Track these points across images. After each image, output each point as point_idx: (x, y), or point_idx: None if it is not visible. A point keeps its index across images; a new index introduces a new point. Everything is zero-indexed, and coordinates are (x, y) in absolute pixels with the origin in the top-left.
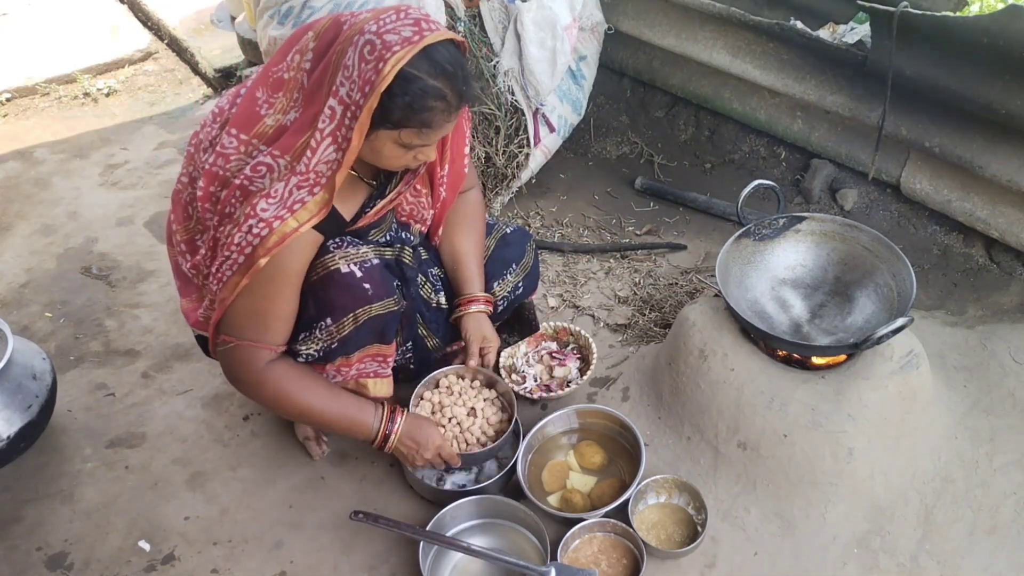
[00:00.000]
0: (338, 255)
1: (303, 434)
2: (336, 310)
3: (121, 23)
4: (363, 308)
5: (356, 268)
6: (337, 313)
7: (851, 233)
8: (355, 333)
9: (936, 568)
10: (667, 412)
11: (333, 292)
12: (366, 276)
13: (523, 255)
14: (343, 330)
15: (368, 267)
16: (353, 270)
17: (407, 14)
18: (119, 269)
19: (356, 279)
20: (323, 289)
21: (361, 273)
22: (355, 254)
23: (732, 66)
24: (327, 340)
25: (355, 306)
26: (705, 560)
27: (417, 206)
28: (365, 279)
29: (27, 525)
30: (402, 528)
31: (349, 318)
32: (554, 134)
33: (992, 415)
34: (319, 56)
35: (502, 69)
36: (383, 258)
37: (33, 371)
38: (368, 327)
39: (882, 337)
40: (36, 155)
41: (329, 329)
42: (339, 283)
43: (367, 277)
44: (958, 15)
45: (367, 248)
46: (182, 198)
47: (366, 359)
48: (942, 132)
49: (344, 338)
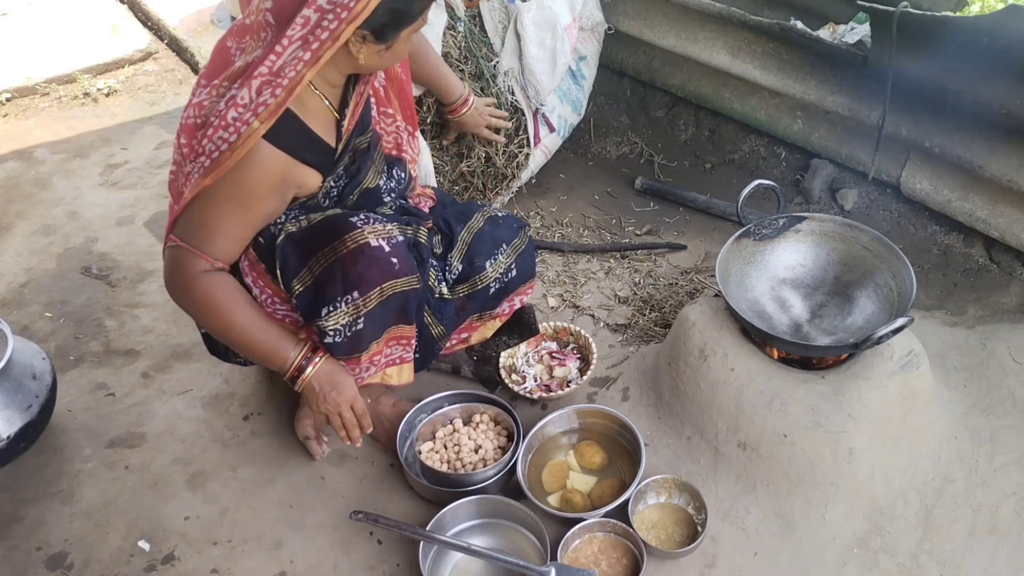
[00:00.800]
0: (367, 230)
1: (303, 433)
2: (364, 283)
3: (121, 23)
4: (389, 282)
5: (384, 243)
6: (364, 286)
7: (851, 233)
8: (379, 308)
9: (936, 568)
10: (667, 412)
11: (362, 264)
12: (393, 251)
13: (515, 236)
14: (369, 303)
15: (394, 243)
16: (382, 244)
17: None
18: (119, 269)
19: (384, 253)
20: (352, 262)
21: (389, 248)
22: (382, 230)
23: (732, 66)
24: (353, 314)
25: (382, 279)
26: (705, 560)
27: (396, 132)
28: (392, 254)
29: (27, 525)
30: (402, 528)
31: (375, 291)
32: (554, 134)
33: (992, 415)
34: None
35: (502, 69)
36: (406, 235)
37: (33, 371)
38: (392, 303)
39: (882, 337)
40: (36, 155)
41: (356, 302)
42: (369, 256)
43: (394, 252)
44: (958, 15)
45: (392, 225)
46: (177, 184)
47: (391, 342)
48: (942, 132)
49: (370, 312)
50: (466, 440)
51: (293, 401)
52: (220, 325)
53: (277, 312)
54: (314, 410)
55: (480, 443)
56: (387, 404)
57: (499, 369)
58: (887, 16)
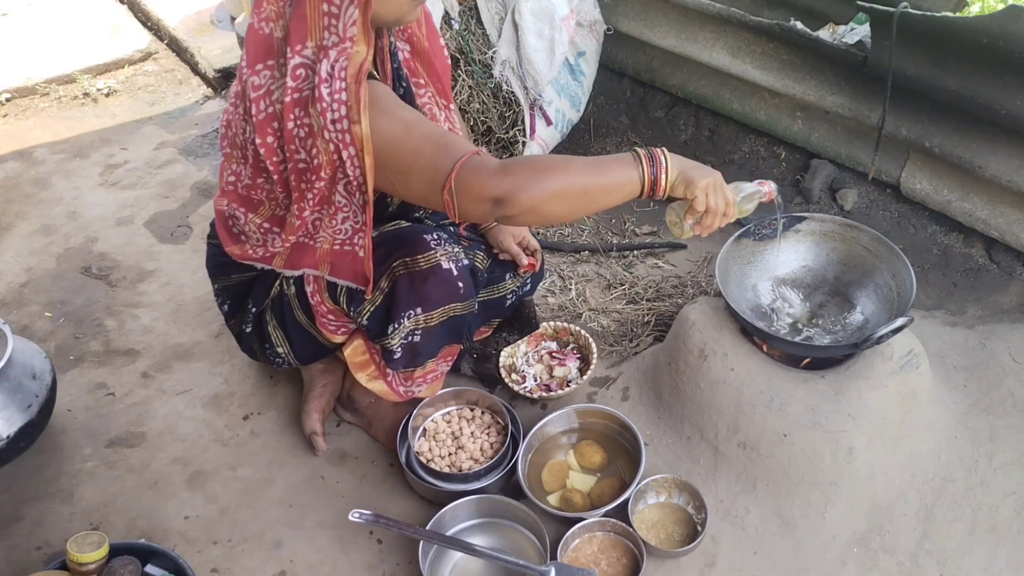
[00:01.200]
0: (439, 251)
1: (311, 427)
2: (428, 301)
3: (121, 23)
4: (452, 304)
5: (454, 266)
6: (428, 304)
7: (851, 233)
8: (439, 328)
9: (936, 567)
10: (667, 412)
11: (431, 284)
12: (460, 275)
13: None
14: (431, 321)
15: (461, 267)
16: (451, 267)
17: None
18: (119, 269)
19: (453, 277)
20: (423, 280)
21: (457, 272)
22: (452, 252)
23: (732, 66)
24: (413, 327)
25: (447, 301)
26: (705, 559)
27: (429, 103)
28: (460, 277)
29: (27, 524)
30: (402, 527)
31: (439, 311)
32: (551, 128)
33: (992, 415)
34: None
35: (499, 59)
36: (470, 260)
37: (33, 371)
38: (451, 324)
39: (882, 337)
40: (36, 155)
41: (418, 318)
42: (440, 277)
43: (461, 276)
44: (958, 15)
45: (458, 248)
46: (238, 189)
47: (443, 359)
48: (942, 132)
49: (429, 329)
50: (465, 438)
51: (294, 401)
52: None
53: (332, 326)
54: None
55: (477, 437)
56: (387, 404)
57: (499, 368)
58: (887, 16)
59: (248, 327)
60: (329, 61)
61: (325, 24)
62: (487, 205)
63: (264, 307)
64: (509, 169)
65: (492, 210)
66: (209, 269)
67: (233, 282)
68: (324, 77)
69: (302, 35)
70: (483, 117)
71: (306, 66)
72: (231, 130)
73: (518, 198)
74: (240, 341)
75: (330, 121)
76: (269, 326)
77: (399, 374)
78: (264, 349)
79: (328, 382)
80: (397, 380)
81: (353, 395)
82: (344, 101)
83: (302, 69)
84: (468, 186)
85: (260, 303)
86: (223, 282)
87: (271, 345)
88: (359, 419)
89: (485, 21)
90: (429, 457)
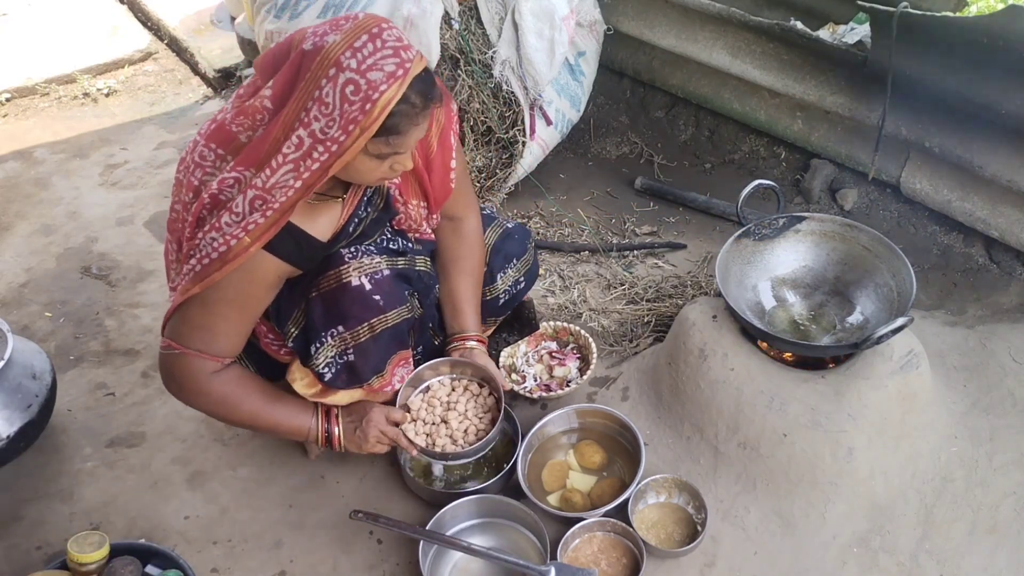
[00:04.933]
0: (352, 266)
1: None
2: (349, 319)
3: (121, 23)
4: (378, 318)
5: (367, 280)
6: (350, 322)
7: (851, 233)
8: (372, 343)
9: (936, 567)
10: (667, 412)
11: (345, 303)
12: (376, 288)
13: (525, 251)
14: (359, 337)
15: (378, 278)
16: (363, 283)
17: (382, 42)
18: (119, 269)
19: (366, 292)
20: (334, 301)
21: (371, 285)
22: (368, 264)
23: (732, 66)
24: (340, 347)
25: (369, 316)
26: (705, 559)
27: (413, 216)
28: (375, 291)
29: (27, 524)
30: (402, 527)
31: (364, 327)
32: (551, 128)
33: (992, 415)
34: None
35: (499, 59)
36: (395, 268)
37: (33, 371)
38: (387, 336)
39: (882, 337)
40: (36, 155)
41: (343, 336)
42: (351, 295)
43: (376, 289)
44: (958, 15)
45: (380, 258)
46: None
47: (397, 368)
48: (942, 132)
49: (361, 346)
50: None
51: None
52: (240, 419)
53: (275, 346)
54: (367, 453)
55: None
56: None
57: (499, 368)
58: (887, 16)
59: None
60: (246, 199)
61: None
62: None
63: None
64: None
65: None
66: None
67: None
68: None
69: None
70: (483, 117)
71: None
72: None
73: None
74: None
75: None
76: None
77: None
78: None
79: None
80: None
81: None
82: (203, 262)
83: (231, 180)
84: (173, 370)
85: None
86: None
87: (242, 359)
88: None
89: (485, 21)
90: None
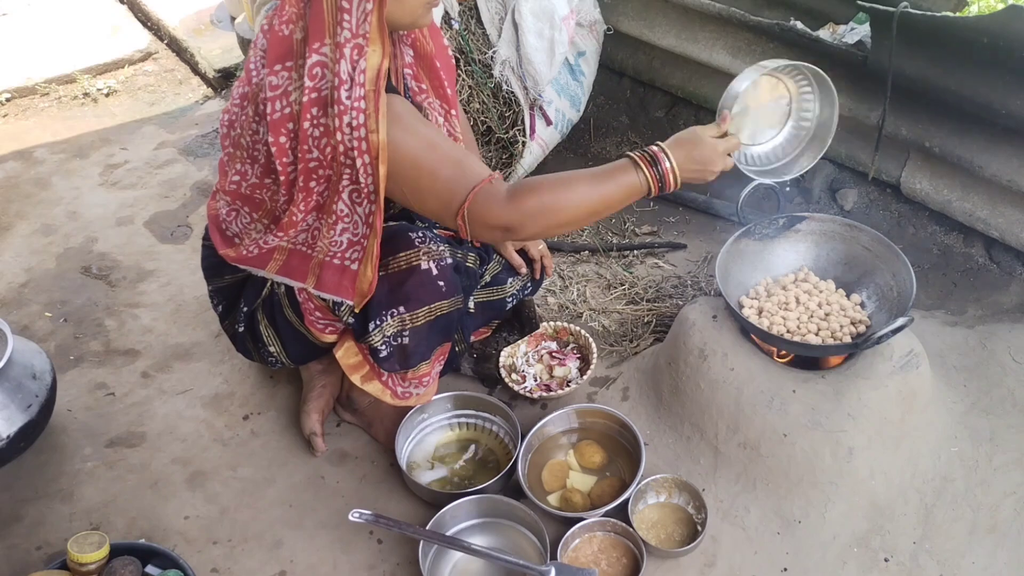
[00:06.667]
0: (422, 251)
1: (310, 428)
2: (411, 300)
3: (121, 23)
4: (437, 303)
5: (434, 266)
6: (412, 303)
7: (851, 233)
8: (428, 327)
9: (936, 567)
10: (667, 412)
11: (411, 285)
12: (441, 274)
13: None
14: (416, 320)
15: (443, 265)
16: (431, 267)
17: None
18: (119, 269)
19: (433, 276)
20: (400, 282)
21: (437, 271)
22: (435, 251)
23: (732, 66)
24: (399, 327)
25: (431, 300)
26: (705, 559)
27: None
28: (440, 276)
29: (27, 524)
30: (402, 527)
31: (424, 310)
32: (551, 128)
33: (992, 415)
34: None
35: (499, 59)
36: (455, 259)
37: (33, 371)
38: (441, 323)
39: (882, 337)
40: (36, 155)
41: (403, 316)
42: (419, 277)
43: (442, 275)
44: (958, 15)
45: (444, 247)
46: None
47: (436, 363)
48: (942, 132)
49: (417, 329)
50: None
51: (294, 401)
52: (572, 213)
53: (320, 324)
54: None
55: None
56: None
57: (499, 368)
58: (887, 16)
59: (241, 327)
60: (348, 61)
61: (338, 19)
62: (498, 232)
63: (255, 307)
64: (518, 199)
65: (503, 236)
66: (204, 271)
67: (227, 283)
68: (344, 79)
69: (319, 33)
70: (483, 117)
71: (323, 64)
72: (234, 130)
73: (526, 228)
74: (235, 342)
75: (346, 124)
76: (260, 325)
77: (396, 375)
78: (258, 348)
79: (327, 382)
80: (394, 380)
81: (352, 395)
82: (363, 109)
83: (319, 68)
84: (480, 215)
85: (251, 303)
86: (217, 283)
87: (263, 344)
88: (358, 419)
89: (485, 21)
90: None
